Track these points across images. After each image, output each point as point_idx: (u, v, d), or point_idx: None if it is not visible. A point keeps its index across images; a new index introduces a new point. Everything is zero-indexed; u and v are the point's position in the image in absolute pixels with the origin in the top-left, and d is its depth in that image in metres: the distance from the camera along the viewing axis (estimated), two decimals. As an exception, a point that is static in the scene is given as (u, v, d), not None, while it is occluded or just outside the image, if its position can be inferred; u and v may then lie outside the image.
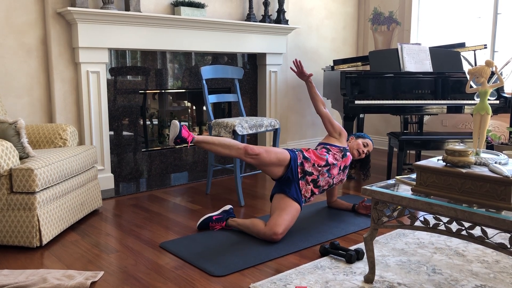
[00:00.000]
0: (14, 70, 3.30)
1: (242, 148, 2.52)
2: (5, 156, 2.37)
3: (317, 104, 3.00)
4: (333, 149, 2.81)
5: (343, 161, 2.81)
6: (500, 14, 4.58)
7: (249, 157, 2.54)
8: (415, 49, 4.08)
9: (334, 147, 2.84)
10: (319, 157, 2.73)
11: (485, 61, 2.01)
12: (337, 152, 2.80)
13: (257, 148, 2.55)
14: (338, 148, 2.84)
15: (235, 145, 2.53)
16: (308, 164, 2.68)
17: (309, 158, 2.69)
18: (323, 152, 2.76)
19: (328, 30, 5.40)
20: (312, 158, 2.70)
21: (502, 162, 1.88)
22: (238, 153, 2.52)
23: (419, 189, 1.88)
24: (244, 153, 2.52)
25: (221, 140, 2.55)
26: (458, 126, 4.88)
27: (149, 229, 2.79)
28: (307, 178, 2.68)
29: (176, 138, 2.49)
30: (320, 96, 3.03)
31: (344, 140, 2.94)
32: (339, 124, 2.98)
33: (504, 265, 2.22)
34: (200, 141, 2.54)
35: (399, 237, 2.60)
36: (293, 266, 2.24)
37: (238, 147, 2.52)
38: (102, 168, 3.62)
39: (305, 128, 5.34)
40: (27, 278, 2.06)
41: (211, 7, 4.21)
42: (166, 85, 4.09)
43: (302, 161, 2.67)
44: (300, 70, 3.01)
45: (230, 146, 2.50)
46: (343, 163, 2.81)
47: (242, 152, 2.52)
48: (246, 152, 2.51)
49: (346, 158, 2.83)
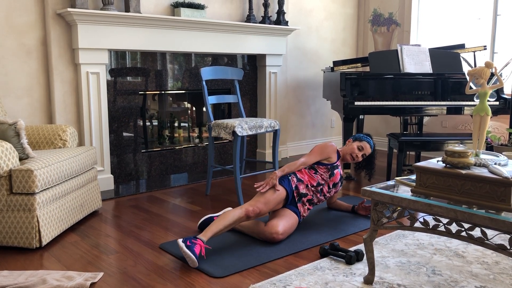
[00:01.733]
0: (14, 71, 3.30)
1: (243, 216, 2.47)
2: (4, 157, 2.37)
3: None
4: (320, 170, 2.80)
5: (331, 180, 2.81)
6: (499, 15, 4.58)
7: (252, 218, 2.53)
8: (415, 50, 4.08)
9: (322, 166, 2.81)
10: (311, 177, 2.76)
11: (485, 62, 2.01)
12: (324, 172, 2.79)
13: (256, 208, 2.51)
14: (326, 167, 2.80)
15: (238, 217, 2.45)
16: (302, 186, 2.71)
17: (302, 180, 2.72)
18: (312, 173, 2.78)
19: (328, 31, 5.40)
20: (305, 179, 2.73)
21: (502, 163, 1.88)
22: (242, 220, 2.49)
23: (418, 190, 1.88)
24: (247, 218, 2.50)
25: (226, 223, 2.42)
26: (458, 127, 4.88)
27: (148, 230, 2.79)
28: (303, 200, 2.72)
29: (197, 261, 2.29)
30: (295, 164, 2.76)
31: (333, 155, 2.83)
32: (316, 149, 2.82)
33: (504, 266, 2.22)
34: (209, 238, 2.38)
35: (398, 238, 2.60)
36: (292, 267, 2.24)
37: (240, 217, 2.46)
38: (102, 169, 3.62)
39: (305, 129, 5.34)
40: (27, 279, 2.06)
41: (211, 8, 4.21)
42: (166, 86, 4.09)
43: (296, 185, 2.69)
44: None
45: (235, 221, 2.44)
46: (331, 182, 2.82)
47: (245, 218, 2.49)
48: (248, 216, 2.49)
49: (334, 176, 2.81)
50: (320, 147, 2.83)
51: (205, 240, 2.30)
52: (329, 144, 2.85)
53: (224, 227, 2.39)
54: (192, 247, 2.22)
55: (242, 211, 2.47)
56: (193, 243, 2.24)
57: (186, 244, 2.23)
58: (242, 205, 2.52)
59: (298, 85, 5.17)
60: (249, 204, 2.51)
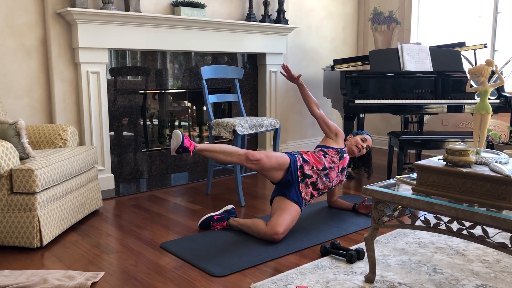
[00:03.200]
0: (14, 71, 3.30)
1: (243, 154, 2.53)
2: (5, 157, 2.37)
3: (311, 106, 2.99)
4: (330, 152, 2.82)
5: (341, 163, 2.82)
6: (500, 13, 4.57)
7: (250, 163, 2.56)
8: (415, 49, 4.08)
9: (331, 149, 2.84)
10: (318, 160, 2.74)
11: (486, 60, 2.00)
12: (334, 154, 2.81)
13: (257, 154, 2.57)
14: (335, 150, 2.84)
15: (236, 151, 2.55)
16: (308, 167, 2.69)
17: (308, 161, 2.70)
18: (321, 155, 2.77)
19: (328, 30, 5.40)
20: (311, 161, 2.72)
21: (503, 162, 1.87)
22: (239, 159, 2.53)
23: (419, 188, 1.88)
24: (245, 159, 2.54)
25: (222, 147, 2.57)
26: (459, 126, 4.87)
27: (149, 229, 2.79)
28: (307, 181, 2.69)
29: (179, 147, 2.50)
30: (313, 97, 3.02)
31: (341, 140, 2.94)
32: (335, 124, 2.99)
33: (505, 265, 2.22)
34: (201, 149, 2.56)
35: (399, 237, 2.60)
36: (293, 266, 2.24)
37: (239, 154, 2.54)
38: (102, 168, 3.62)
39: (305, 128, 5.34)
40: (28, 278, 2.06)
41: (211, 7, 4.21)
42: (166, 85, 4.09)
43: (301, 164, 2.68)
44: (289, 74, 3.01)
45: (231, 153, 2.52)
46: (341, 165, 2.83)
47: (243, 158, 2.54)
48: (247, 158, 2.53)
49: (343, 159, 2.84)
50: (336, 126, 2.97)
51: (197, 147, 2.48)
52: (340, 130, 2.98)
53: (220, 149, 2.54)
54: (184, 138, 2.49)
55: (243, 150, 2.57)
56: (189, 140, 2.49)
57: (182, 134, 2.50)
58: None
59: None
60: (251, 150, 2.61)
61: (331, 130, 2.94)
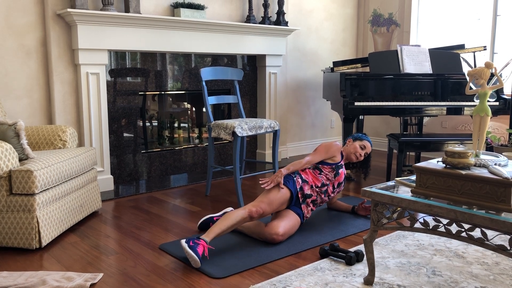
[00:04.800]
0: (13, 72, 3.30)
1: (247, 216, 2.45)
2: (4, 158, 2.37)
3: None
4: (325, 169, 2.80)
5: (336, 180, 2.83)
6: (499, 16, 4.58)
7: (256, 219, 2.52)
8: (415, 51, 4.08)
9: (326, 166, 2.80)
10: (316, 178, 2.76)
11: (485, 62, 2.01)
12: (329, 172, 2.80)
13: (259, 208, 2.49)
14: (330, 167, 2.80)
15: (240, 217, 2.43)
16: (307, 187, 2.71)
17: (307, 180, 2.72)
18: (316, 174, 2.78)
19: (328, 32, 5.40)
20: (310, 180, 2.73)
21: (502, 164, 1.88)
22: (245, 220, 2.47)
23: (418, 190, 1.88)
24: (250, 219, 2.48)
25: (228, 224, 2.40)
26: (458, 128, 4.88)
27: (148, 230, 2.79)
28: (307, 201, 2.72)
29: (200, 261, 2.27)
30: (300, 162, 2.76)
31: (338, 154, 2.84)
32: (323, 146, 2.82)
33: (504, 267, 2.22)
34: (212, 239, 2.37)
35: (398, 239, 2.60)
36: (292, 268, 2.24)
37: (244, 218, 2.44)
38: (101, 169, 3.61)
39: (304, 130, 5.34)
40: (26, 280, 2.05)
41: (210, 8, 4.21)
42: (165, 86, 4.09)
43: (301, 186, 2.69)
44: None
45: (237, 222, 2.42)
46: (336, 182, 2.83)
47: (248, 219, 2.47)
48: (252, 217, 2.48)
49: (339, 176, 2.83)
50: (325, 146, 2.81)
51: (208, 241, 2.29)
52: (333, 144, 2.83)
53: (227, 228, 2.38)
54: (195, 247, 2.21)
55: (245, 211, 2.46)
56: (196, 243, 2.24)
57: (189, 245, 2.22)
58: (245, 206, 2.51)
59: (298, 85, 5.16)
60: (252, 205, 2.50)
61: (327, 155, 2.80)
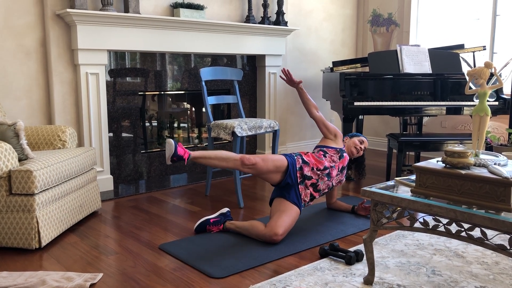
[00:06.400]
0: (13, 72, 3.30)
1: (238, 159, 2.54)
2: (4, 158, 2.37)
3: (310, 109, 3.00)
4: (330, 151, 2.84)
5: (341, 162, 2.83)
6: (498, 15, 4.58)
7: (246, 167, 2.56)
8: (414, 51, 4.09)
9: (331, 149, 2.86)
10: (318, 160, 2.74)
11: (484, 62, 2.01)
12: (334, 154, 2.83)
13: (253, 158, 2.57)
14: (335, 149, 2.86)
15: (231, 157, 2.56)
16: (308, 168, 2.69)
17: (308, 162, 2.70)
18: (321, 155, 2.78)
19: (327, 32, 5.40)
20: (311, 162, 2.71)
21: (502, 164, 1.88)
22: (235, 164, 2.54)
23: (418, 190, 1.88)
24: (241, 164, 2.55)
25: (217, 154, 2.58)
26: (457, 128, 4.88)
27: (148, 230, 2.79)
28: (306, 183, 2.69)
29: (173, 156, 2.50)
30: (312, 101, 3.03)
31: (340, 141, 2.97)
32: (333, 126, 3.01)
33: (504, 267, 2.22)
34: (196, 157, 2.57)
35: (398, 239, 2.60)
36: (292, 267, 2.24)
37: (235, 159, 2.54)
38: (101, 169, 3.61)
39: (304, 130, 5.34)
40: (26, 280, 2.05)
41: (210, 9, 4.21)
42: (165, 86, 4.09)
43: (301, 166, 2.68)
44: (289, 78, 3.02)
45: (227, 158, 2.53)
46: (341, 164, 2.84)
47: (239, 163, 2.55)
48: (242, 163, 2.54)
49: (343, 159, 2.85)
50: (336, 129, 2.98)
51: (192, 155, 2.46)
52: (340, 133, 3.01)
53: (215, 157, 2.52)
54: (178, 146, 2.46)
55: (238, 155, 2.55)
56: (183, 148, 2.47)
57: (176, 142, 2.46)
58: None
59: (297, 85, 5.16)
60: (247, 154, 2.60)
61: (330, 131, 2.96)
